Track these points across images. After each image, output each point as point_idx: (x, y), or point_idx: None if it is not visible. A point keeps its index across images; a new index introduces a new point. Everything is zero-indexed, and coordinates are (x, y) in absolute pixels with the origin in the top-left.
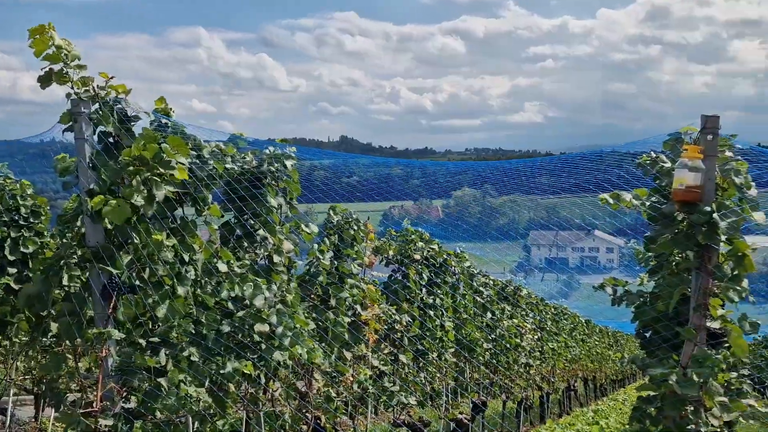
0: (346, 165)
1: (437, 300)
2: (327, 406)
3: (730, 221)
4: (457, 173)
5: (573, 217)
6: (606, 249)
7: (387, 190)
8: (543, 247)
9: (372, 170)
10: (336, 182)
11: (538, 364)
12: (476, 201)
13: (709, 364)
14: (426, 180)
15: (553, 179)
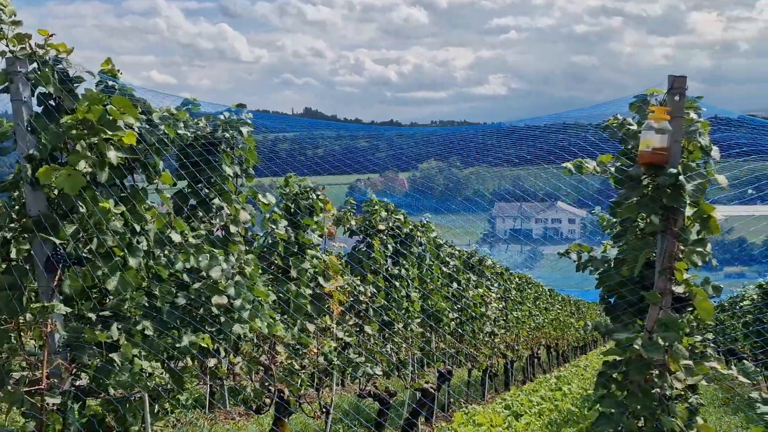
0: (311, 137)
1: (403, 271)
2: (290, 379)
3: (696, 183)
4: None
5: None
6: (568, 220)
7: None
8: (508, 218)
9: (338, 143)
10: (301, 154)
11: (502, 333)
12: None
13: (675, 328)
14: (392, 152)
15: (518, 150)
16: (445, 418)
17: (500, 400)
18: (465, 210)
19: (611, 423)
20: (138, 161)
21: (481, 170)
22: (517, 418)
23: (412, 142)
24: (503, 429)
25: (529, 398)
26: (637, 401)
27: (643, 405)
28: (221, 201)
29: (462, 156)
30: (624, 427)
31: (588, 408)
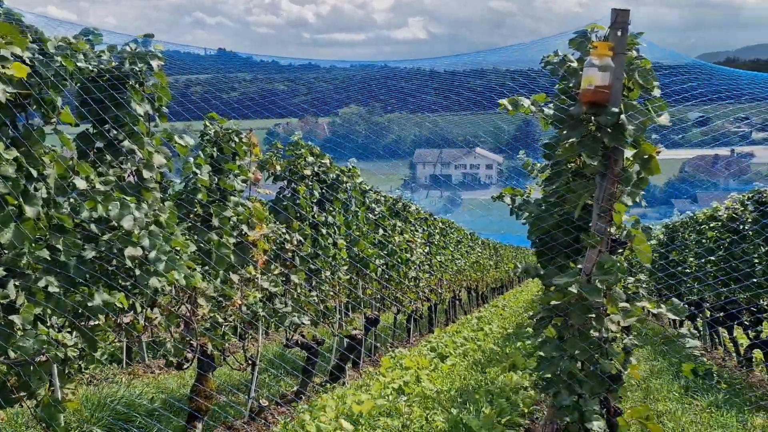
0: (226, 79)
1: (330, 217)
2: (213, 332)
3: (637, 123)
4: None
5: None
6: (485, 166)
7: (272, 106)
8: (428, 164)
9: (255, 86)
10: (216, 98)
11: (427, 277)
12: (363, 119)
13: (614, 270)
14: (312, 96)
15: (437, 97)
16: (373, 362)
17: (425, 342)
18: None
19: (551, 367)
20: (31, 97)
21: (401, 117)
22: (442, 360)
23: (332, 87)
24: (429, 371)
25: (453, 339)
26: (576, 345)
27: (583, 348)
28: (131, 143)
29: (382, 102)
30: (563, 370)
31: (509, 347)
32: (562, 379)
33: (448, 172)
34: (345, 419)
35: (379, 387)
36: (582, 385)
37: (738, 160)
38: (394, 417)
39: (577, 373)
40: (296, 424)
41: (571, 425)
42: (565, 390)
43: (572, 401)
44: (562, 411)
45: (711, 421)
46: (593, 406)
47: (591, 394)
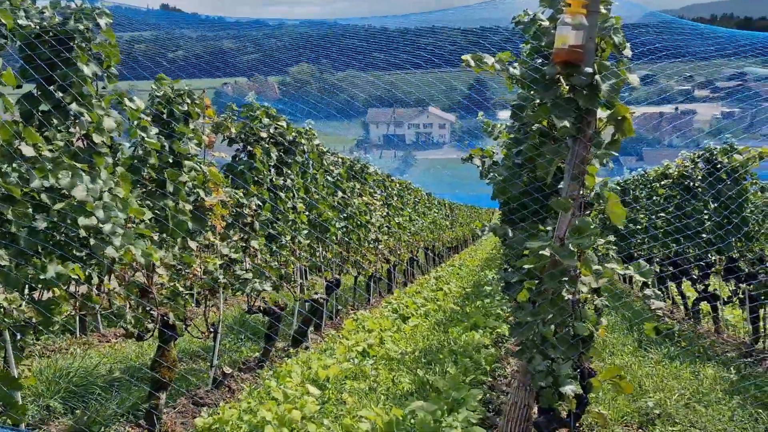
0: (171, 37)
1: (288, 181)
2: (173, 302)
3: (611, 84)
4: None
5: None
6: (438, 125)
7: (220, 65)
8: (381, 124)
9: (202, 44)
10: (161, 56)
11: (385, 239)
12: (314, 78)
13: (588, 234)
14: (261, 54)
15: (388, 55)
16: (335, 325)
17: (386, 303)
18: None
19: (526, 332)
20: None
21: (353, 76)
22: (404, 321)
23: (281, 44)
24: (393, 333)
25: (414, 300)
26: (550, 309)
27: (557, 312)
28: (80, 106)
29: (333, 61)
30: (537, 335)
31: (469, 306)
32: (536, 343)
33: (401, 132)
34: (311, 384)
35: (343, 350)
36: (556, 348)
37: (681, 118)
38: (360, 380)
39: (550, 337)
40: (262, 391)
41: (545, 390)
42: (539, 355)
43: (546, 366)
44: (537, 376)
45: (665, 373)
46: (567, 369)
47: (565, 357)
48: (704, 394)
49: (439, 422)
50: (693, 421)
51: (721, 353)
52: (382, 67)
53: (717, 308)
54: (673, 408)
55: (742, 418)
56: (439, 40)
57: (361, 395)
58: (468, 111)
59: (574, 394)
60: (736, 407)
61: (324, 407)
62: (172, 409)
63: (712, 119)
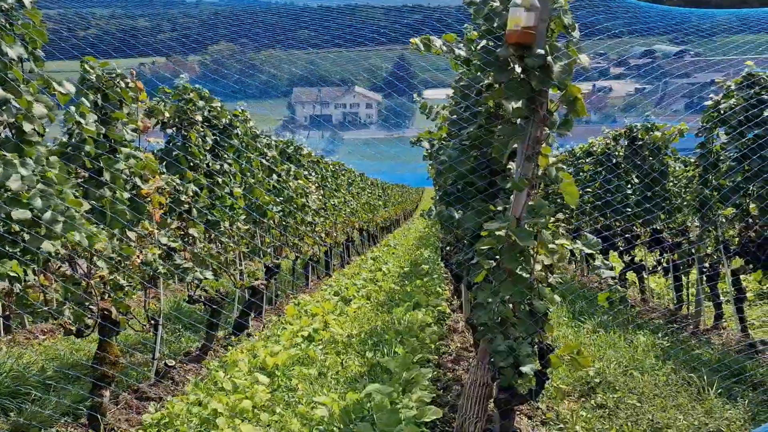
0: (80, 15)
1: (225, 165)
2: (115, 295)
3: (563, 65)
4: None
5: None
6: (365, 105)
7: (135, 44)
8: (307, 104)
9: (114, 22)
10: (70, 36)
11: (322, 221)
12: (235, 57)
13: (543, 213)
14: (178, 33)
15: (311, 34)
16: (275, 310)
17: (325, 286)
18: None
19: (486, 312)
20: None
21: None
22: (347, 303)
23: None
24: (336, 316)
25: (353, 282)
26: (510, 288)
27: (516, 291)
28: (5, 92)
29: (255, 39)
30: (497, 314)
31: (409, 285)
32: (496, 323)
33: (327, 112)
34: (259, 372)
35: (289, 336)
36: (516, 327)
37: (598, 95)
38: (309, 365)
39: (510, 317)
40: (209, 381)
41: (506, 369)
42: (499, 335)
43: (507, 346)
44: (498, 356)
45: (602, 342)
46: (527, 349)
47: (524, 335)
48: (639, 361)
49: (395, 403)
50: (631, 387)
51: (648, 320)
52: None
53: (643, 278)
54: (612, 376)
55: (676, 382)
56: (361, 19)
57: (311, 381)
58: (394, 90)
59: (534, 371)
60: (670, 372)
61: (274, 395)
62: (115, 405)
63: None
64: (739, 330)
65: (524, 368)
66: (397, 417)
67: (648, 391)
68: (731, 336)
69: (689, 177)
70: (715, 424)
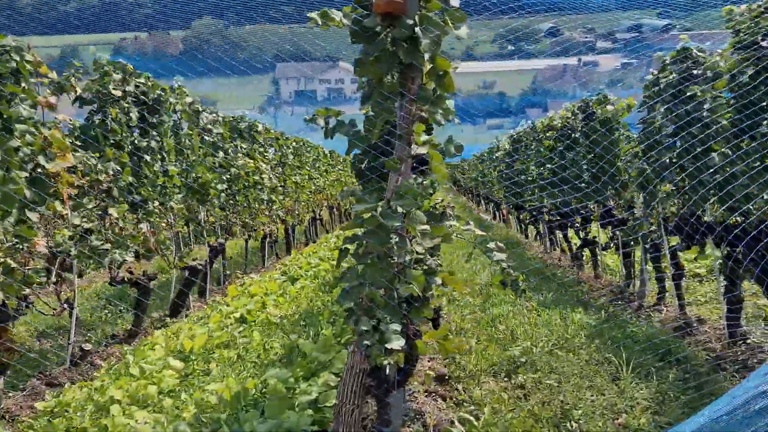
0: None
1: (153, 143)
2: (9, 279)
3: (432, 36)
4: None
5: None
6: (350, 80)
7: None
8: (291, 79)
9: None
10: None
11: (281, 199)
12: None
13: (412, 195)
14: (161, 6)
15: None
16: (223, 291)
17: (281, 265)
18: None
19: (352, 296)
20: None
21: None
22: (293, 283)
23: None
24: (277, 296)
25: (309, 261)
26: (376, 271)
27: (381, 274)
28: None
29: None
30: (364, 298)
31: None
32: (362, 306)
33: (312, 88)
34: (177, 355)
35: (218, 318)
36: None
37: (584, 69)
38: (232, 348)
39: (377, 299)
40: (121, 366)
41: (372, 348)
42: (365, 316)
43: (371, 325)
44: (364, 336)
45: (537, 320)
46: (394, 328)
47: (391, 318)
48: (567, 340)
49: (293, 389)
50: (553, 367)
51: (599, 297)
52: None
53: (596, 254)
54: (537, 355)
55: (597, 360)
56: None
57: (229, 364)
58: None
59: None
60: (594, 351)
61: (187, 380)
62: (21, 392)
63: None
64: (675, 308)
65: (391, 344)
66: (289, 403)
67: (568, 371)
68: (671, 313)
69: (634, 153)
70: (624, 404)
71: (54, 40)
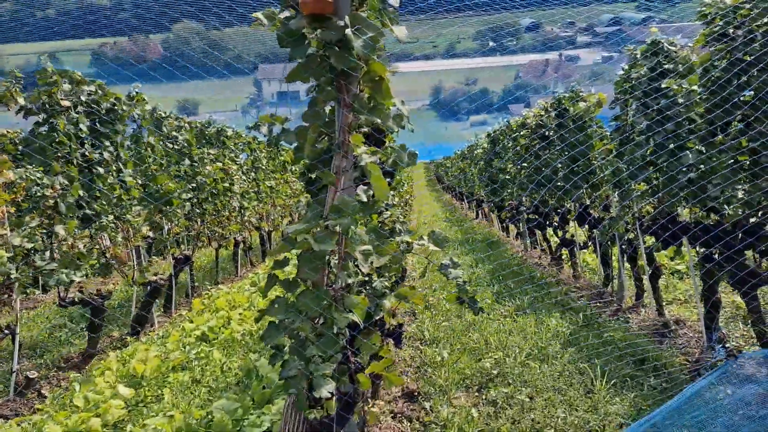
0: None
1: (106, 154)
2: None
3: (366, 39)
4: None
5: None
6: None
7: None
8: (274, 80)
9: (73, 1)
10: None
11: (254, 205)
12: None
13: (350, 212)
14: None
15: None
16: (190, 304)
17: (253, 274)
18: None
19: (280, 329)
20: None
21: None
22: (263, 295)
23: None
24: (244, 309)
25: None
26: (309, 301)
27: (315, 303)
28: None
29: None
30: (293, 334)
31: None
32: (295, 344)
33: (295, 88)
34: (129, 381)
35: (177, 337)
36: (314, 346)
37: (565, 64)
38: (189, 370)
39: (307, 333)
40: (66, 396)
41: (299, 398)
42: (294, 357)
43: (298, 369)
44: (290, 382)
45: (512, 327)
46: (324, 370)
47: (324, 355)
48: (542, 349)
49: (241, 421)
50: (526, 380)
51: (578, 298)
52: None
53: (574, 254)
54: (511, 367)
55: (571, 372)
56: None
57: (183, 389)
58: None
59: (340, 393)
60: (567, 362)
61: (137, 408)
62: None
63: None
64: (654, 309)
65: (320, 392)
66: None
67: (541, 385)
68: (650, 314)
69: (608, 150)
70: (597, 420)
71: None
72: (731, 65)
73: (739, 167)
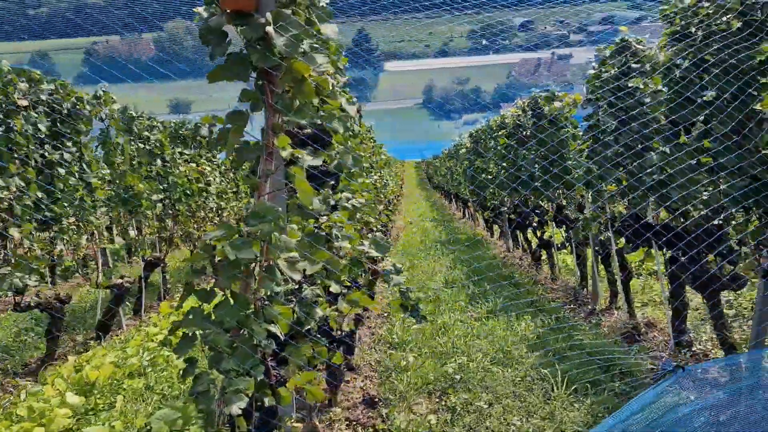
0: None
1: (67, 155)
2: None
3: (289, 36)
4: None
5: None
6: None
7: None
8: None
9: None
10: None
11: (233, 205)
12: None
13: (271, 218)
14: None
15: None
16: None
17: None
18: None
19: (191, 342)
20: None
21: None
22: None
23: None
24: None
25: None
26: (225, 311)
27: (231, 314)
28: None
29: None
30: (209, 346)
31: None
32: (209, 358)
33: None
34: (81, 388)
35: (138, 342)
36: (230, 360)
37: (557, 63)
38: (144, 377)
39: (222, 346)
40: (12, 406)
41: (209, 416)
42: (205, 371)
43: (209, 383)
44: (200, 398)
45: (480, 330)
46: (238, 384)
47: (240, 369)
48: (507, 353)
49: (186, 430)
50: (487, 385)
51: (553, 299)
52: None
53: (552, 255)
54: (473, 372)
55: (533, 377)
56: None
57: (135, 396)
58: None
59: (244, 409)
60: (530, 367)
61: (86, 418)
62: None
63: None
64: (626, 311)
65: (231, 408)
66: None
67: (501, 390)
68: (622, 317)
69: (580, 150)
70: (552, 428)
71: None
72: (694, 66)
73: (702, 169)
